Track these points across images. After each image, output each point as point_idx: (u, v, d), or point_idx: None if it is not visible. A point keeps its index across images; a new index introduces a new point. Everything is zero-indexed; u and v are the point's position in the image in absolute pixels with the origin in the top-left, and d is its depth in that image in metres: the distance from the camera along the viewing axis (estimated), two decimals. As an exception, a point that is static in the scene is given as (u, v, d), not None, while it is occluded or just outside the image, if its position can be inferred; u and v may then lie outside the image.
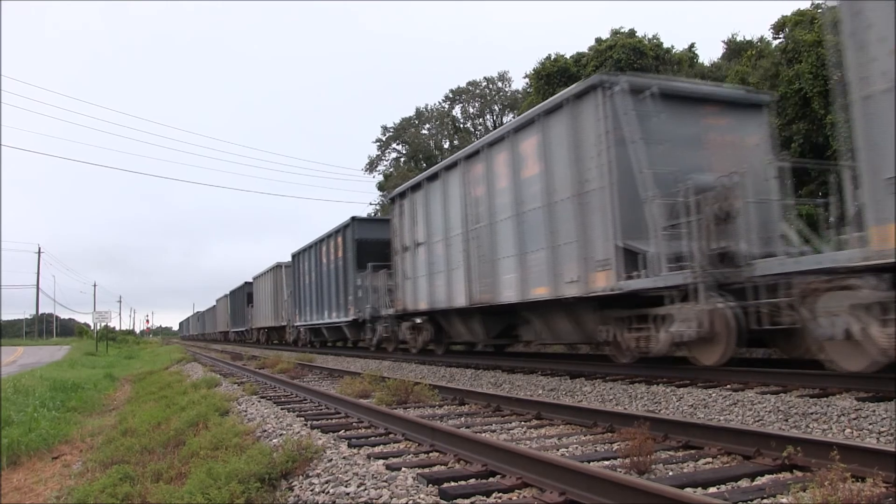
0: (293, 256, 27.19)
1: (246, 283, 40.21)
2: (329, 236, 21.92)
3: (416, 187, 15.30)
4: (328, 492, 3.89)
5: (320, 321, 22.87)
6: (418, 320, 15.60)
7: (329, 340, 24.58)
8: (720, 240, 7.98)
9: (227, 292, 47.35)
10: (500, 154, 11.73)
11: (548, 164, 10.30)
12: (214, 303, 57.64)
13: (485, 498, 3.65)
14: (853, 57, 6.24)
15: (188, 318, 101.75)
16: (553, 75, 23.11)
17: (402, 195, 16.00)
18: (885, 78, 5.89)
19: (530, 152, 10.79)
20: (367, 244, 19.34)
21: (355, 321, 19.18)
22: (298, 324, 26.44)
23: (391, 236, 16.76)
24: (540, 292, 10.48)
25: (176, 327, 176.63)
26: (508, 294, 11.31)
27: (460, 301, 13.00)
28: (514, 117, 39.53)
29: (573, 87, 9.85)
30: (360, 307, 18.60)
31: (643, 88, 9.16)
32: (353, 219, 19.84)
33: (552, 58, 23.81)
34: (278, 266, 30.86)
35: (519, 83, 42.57)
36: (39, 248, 74.48)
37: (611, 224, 8.97)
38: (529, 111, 11.21)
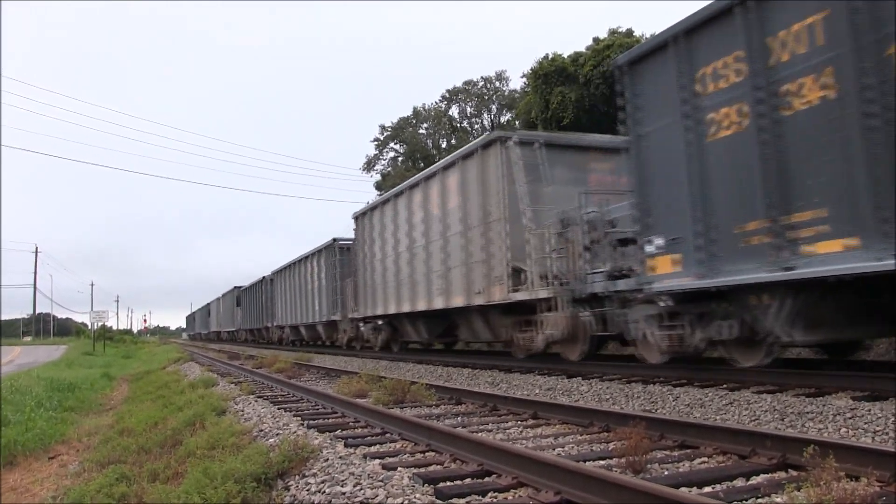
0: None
1: None
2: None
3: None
4: (324, 491, 3.89)
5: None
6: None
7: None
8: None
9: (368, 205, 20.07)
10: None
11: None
12: (290, 261, 28.46)
13: (480, 497, 3.65)
14: None
15: (208, 304, 60.88)
16: (551, 75, 23.13)
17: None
18: None
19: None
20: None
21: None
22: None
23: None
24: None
25: (175, 326, 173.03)
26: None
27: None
28: (511, 116, 39.55)
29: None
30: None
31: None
32: None
33: (550, 57, 23.82)
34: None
35: (516, 83, 42.62)
36: (37, 248, 74.19)
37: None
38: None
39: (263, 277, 33.88)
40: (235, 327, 44.11)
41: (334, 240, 22.66)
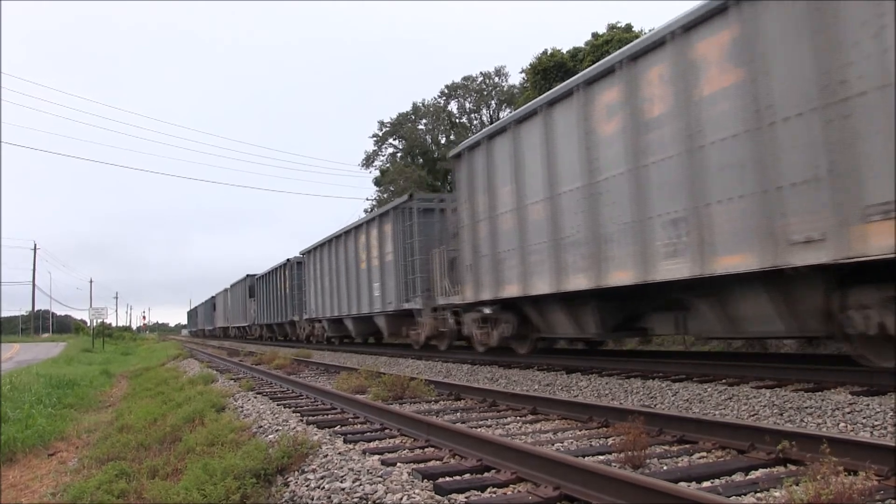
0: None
1: None
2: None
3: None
4: (323, 487, 3.89)
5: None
6: None
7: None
8: None
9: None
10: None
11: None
12: (331, 235, 21.86)
13: (479, 493, 3.65)
14: None
15: (212, 297, 53.68)
16: (550, 70, 23.11)
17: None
18: None
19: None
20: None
21: None
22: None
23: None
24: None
25: (174, 322, 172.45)
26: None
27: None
28: (510, 112, 39.53)
29: None
30: None
31: None
32: None
33: (549, 52, 23.81)
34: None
35: (515, 78, 42.57)
36: (35, 245, 74.04)
37: None
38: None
39: (288, 260, 28.06)
40: (248, 322, 37.23)
41: (411, 196, 16.34)
